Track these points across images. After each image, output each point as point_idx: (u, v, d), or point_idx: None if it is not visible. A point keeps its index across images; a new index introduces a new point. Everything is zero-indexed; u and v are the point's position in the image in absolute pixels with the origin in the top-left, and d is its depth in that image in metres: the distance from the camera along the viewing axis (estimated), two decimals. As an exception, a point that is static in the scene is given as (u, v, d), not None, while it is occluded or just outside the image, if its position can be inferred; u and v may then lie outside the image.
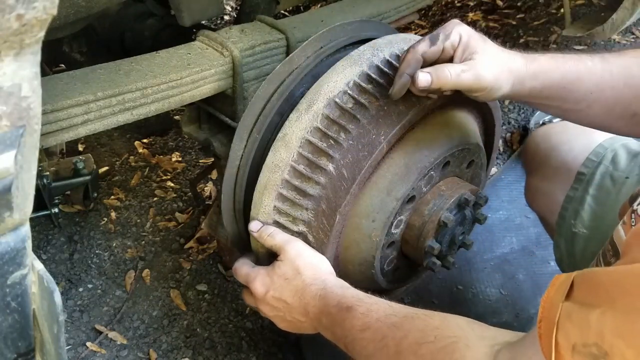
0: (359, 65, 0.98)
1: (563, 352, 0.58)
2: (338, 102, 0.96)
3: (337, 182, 0.95)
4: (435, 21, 2.96)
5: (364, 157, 0.94)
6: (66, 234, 1.76)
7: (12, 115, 0.48)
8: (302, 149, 0.96)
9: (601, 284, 0.60)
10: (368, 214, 0.99)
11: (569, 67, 0.94)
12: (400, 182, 0.98)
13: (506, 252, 1.74)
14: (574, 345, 0.57)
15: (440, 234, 1.04)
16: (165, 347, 1.49)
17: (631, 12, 1.60)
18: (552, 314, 0.61)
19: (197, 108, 1.25)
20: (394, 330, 0.81)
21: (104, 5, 1.16)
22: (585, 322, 0.57)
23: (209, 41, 1.14)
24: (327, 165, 0.95)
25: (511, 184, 1.92)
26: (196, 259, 1.72)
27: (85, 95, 0.95)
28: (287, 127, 0.98)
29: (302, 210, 0.97)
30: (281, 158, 0.97)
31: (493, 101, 1.11)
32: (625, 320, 0.55)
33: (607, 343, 0.55)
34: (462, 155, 1.07)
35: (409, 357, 0.77)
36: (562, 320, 0.60)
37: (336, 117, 0.95)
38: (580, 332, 0.57)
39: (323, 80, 0.98)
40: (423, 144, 1.00)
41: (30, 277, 0.62)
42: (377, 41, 1.03)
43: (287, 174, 0.97)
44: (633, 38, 2.70)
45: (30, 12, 0.43)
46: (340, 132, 0.95)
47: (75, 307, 1.58)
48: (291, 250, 0.96)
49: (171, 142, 2.18)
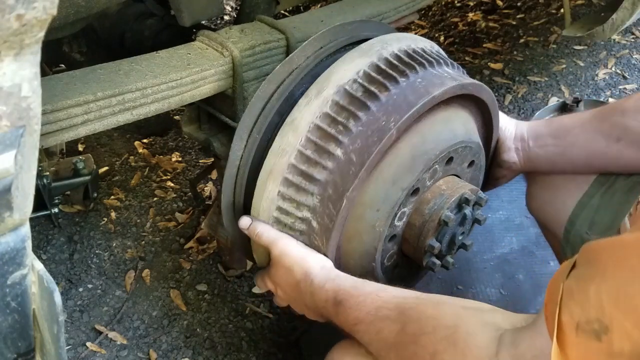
0: (368, 56, 1.00)
1: (568, 332, 0.57)
2: (348, 90, 0.97)
3: (345, 166, 0.95)
4: (435, 21, 2.96)
5: (373, 142, 0.94)
6: (66, 234, 1.76)
7: (12, 115, 0.48)
8: (311, 133, 0.97)
9: (597, 255, 0.59)
10: (373, 203, 0.99)
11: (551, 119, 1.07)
12: (405, 173, 0.99)
13: (506, 252, 1.74)
14: (577, 323, 0.56)
15: (441, 233, 1.04)
16: (165, 347, 1.49)
17: (631, 12, 1.60)
18: (556, 295, 0.60)
19: (197, 108, 1.25)
20: (388, 323, 0.81)
21: (104, 5, 1.16)
22: (586, 297, 0.56)
23: (209, 41, 1.14)
24: (336, 150, 0.95)
25: (511, 184, 1.90)
26: (196, 259, 1.72)
27: (85, 95, 0.95)
28: (296, 112, 0.98)
29: (308, 195, 0.98)
30: (289, 142, 0.97)
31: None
32: (620, 290, 0.54)
33: (607, 317, 0.54)
34: (465, 153, 1.07)
35: (410, 347, 0.77)
36: (565, 299, 0.59)
37: (346, 104, 0.96)
38: (582, 308, 0.56)
39: (333, 68, 0.99)
40: (429, 137, 1.01)
41: (30, 277, 0.62)
42: (385, 36, 1.05)
43: (294, 159, 0.97)
44: (633, 38, 2.71)
45: (30, 12, 0.43)
46: (350, 119, 0.96)
47: (75, 307, 1.58)
48: (277, 250, 0.99)
49: (171, 142, 2.18)
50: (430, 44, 1.13)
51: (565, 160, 1.12)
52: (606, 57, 2.59)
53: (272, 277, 1.02)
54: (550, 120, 1.17)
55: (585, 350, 0.55)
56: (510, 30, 2.79)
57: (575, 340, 0.56)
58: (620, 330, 0.53)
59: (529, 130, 1.16)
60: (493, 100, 1.12)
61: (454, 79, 1.02)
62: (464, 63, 2.56)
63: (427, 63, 1.02)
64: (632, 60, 2.58)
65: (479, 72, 2.49)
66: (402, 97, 0.96)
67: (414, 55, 1.03)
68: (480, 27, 2.83)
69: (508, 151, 1.19)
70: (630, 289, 0.53)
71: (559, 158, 1.13)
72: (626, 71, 2.52)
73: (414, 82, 0.99)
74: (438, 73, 1.02)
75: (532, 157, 1.16)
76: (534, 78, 2.47)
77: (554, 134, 1.13)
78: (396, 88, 0.97)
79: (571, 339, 0.57)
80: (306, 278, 0.95)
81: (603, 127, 1.06)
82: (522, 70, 2.52)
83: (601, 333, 0.54)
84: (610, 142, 1.05)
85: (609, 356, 0.54)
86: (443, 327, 0.75)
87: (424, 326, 0.77)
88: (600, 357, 0.54)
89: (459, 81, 1.02)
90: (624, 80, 2.48)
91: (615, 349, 0.53)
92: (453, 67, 1.10)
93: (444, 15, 2.99)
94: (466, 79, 1.07)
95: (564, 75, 2.49)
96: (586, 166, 1.11)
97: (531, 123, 1.18)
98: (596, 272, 0.57)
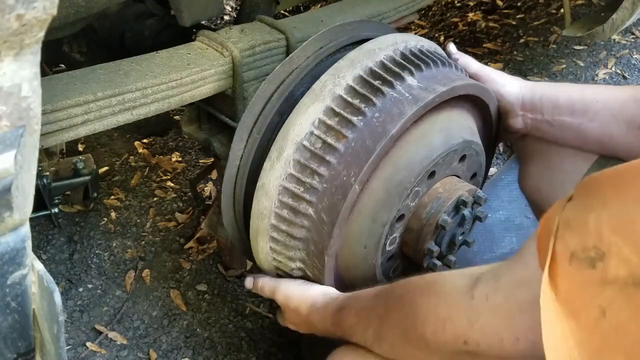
0: (321, 100, 0.96)
1: (560, 262, 0.55)
2: (306, 145, 0.95)
3: (319, 226, 0.96)
4: (435, 21, 2.96)
5: (338, 200, 0.93)
6: (66, 234, 1.76)
7: (12, 115, 0.48)
8: (282, 196, 0.97)
9: (599, 184, 0.56)
10: (358, 240, 1.00)
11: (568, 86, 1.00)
12: (383, 209, 0.97)
13: (506, 252, 1.74)
14: (572, 252, 0.54)
15: (439, 236, 1.04)
16: (165, 347, 1.49)
17: (631, 12, 1.60)
18: (550, 226, 0.58)
19: (197, 108, 1.25)
20: (378, 300, 0.86)
21: (104, 5, 1.16)
22: (584, 226, 0.54)
23: (209, 41, 1.14)
24: (307, 209, 0.96)
25: (511, 184, 1.92)
26: (196, 259, 1.72)
27: (85, 96, 0.95)
28: (264, 177, 0.98)
29: (295, 250, 1.01)
30: (264, 206, 0.99)
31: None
32: (621, 216, 0.51)
33: (605, 243, 0.51)
34: (449, 158, 1.03)
35: (393, 313, 0.80)
36: (561, 230, 0.56)
37: (307, 162, 0.95)
38: (579, 237, 0.54)
39: (289, 123, 0.97)
40: (401, 165, 0.96)
41: (30, 277, 0.62)
42: (340, 64, 0.99)
43: (274, 219, 0.98)
44: (633, 38, 2.71)
45: (30, 12, 0.43)
46: (314, 176, 0.94)
47: (75, 307, 1.58)
48: (280, 297, 1.04)
49: (171, 142, 2.18)
50: (394, 48, 1.02)
51: (577, 137, 1.07)
52: (606, 57, 2.59)
53: (287, 321, 1.06)
54: (568, 89, 1.09)
55: (576, 279, 0.53)
56: (510, 30, 2.79)
57: (568, 269, 0.54)
58: (618, 255, 0.50)
59: (543, 100, 1.08)
60: (475, 87, 1.04)
61: (415, 101, 0.94)
62: (464, 63, 2.56)
63: (387, 86, 0.96)
64: (632, 60, 2.58)
65: (479, 72, 2.49)
66: (360, 142, 0.93)
67: (370, 82, 0.96)
68: (480, 27, 2.83)
69: (515, 117, 1.13)
70: (631, 214, 0.50)
71: (571, 134, 1.08)
72: (626, 71, 2.52)
73: (371, 119, 0.93)
74: (398, 97, 0.95)
75: (542, 128, 1.11)
76: (534, 78, 2.47)
77: (571, 109, 1.06)
78: (353, 132, 0.93)
79: (563, 268, 0.55)
80: (312, 309, 0.98)
81: (627, 111, 1.01)
82: (522, 70, 2.52)
83: (596, 260, 0.51)
84: (631, 129, 1.00)
85: (601, 283, 0.51)
86: (423, 283, 0.78)
87: (406, 288, 0.80)
88: (592, 285, 0.52)
89: (421, 102, 0.94)
90: (624, 80, 2.48)
91: (609, 276, 0.51)
92: (422, 69, 1.00)
93: (444, 15, 2.99)
94: (432, 91, 0.96)
95: (564, 75, 2.49)
96: (596, 146, 1.07)
97: (544, 90, 1.09)
98: (597, 202, 0.54)
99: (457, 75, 1.05)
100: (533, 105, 1.10)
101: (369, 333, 0.85)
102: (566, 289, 0.54)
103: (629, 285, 0.49)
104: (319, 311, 0.97)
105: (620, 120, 1.01)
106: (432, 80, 0.99)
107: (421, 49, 1.05)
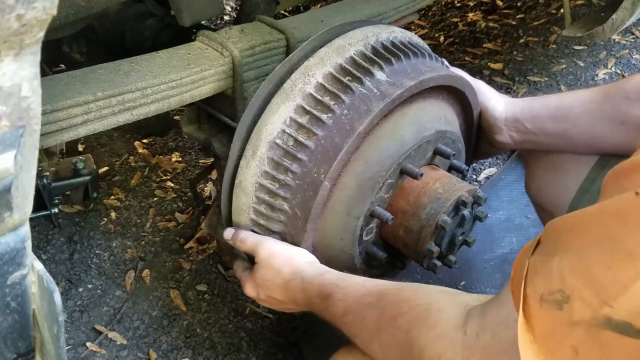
0: (291, 99, 0.97)
1: (532, 303, 0.58)
2: (279, 144, 0.97)
3: (293, 221, 0.99)
4: (435, 21, 2.96)
5: (310, 197, 0.96)
6: (66, 234, 1.76)
7: (12, 115, 0.48)
8: (259, 192, 0.99)
9: (561, 230, 0.60)
10: (335, 234, 1.02)
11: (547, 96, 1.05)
12: (356, 203, 0.99)
13: (506, 252, 1.74)
14: (541, 295, 0.57)
15: (439, 237, 1.04)
16: (165, 347, 1.49)
17: (631, 12, 1.60)
18: (521, 271, 0.61)
19: (197, 108, 1.25)
20: (370, 309, 0.84)
21: (104, 5, 1.16)
22: (549, 270, 0.58)
23: (209, 41, 1.14)
24: (283, 205, 0.99)
25: (511, 184, 1.92)
26: (196, 259, 1.72)
27: (85, 96, 0.95)
28: (240, 175, 1.01)
29: None
30: (243, 203, 1.02)
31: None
32: (580, 261, 0.55)
33: (568, 287, 0.55)
34: (422, 149, 1.04)
35: (388, 331, 0.80)
36: (530, 275, 0.60)
37: (280, 159, 0.97)
38: (545, 281, 0.58)
39: (262, 122, 0.99)
40: (372, 160, 0.98)
41: (30, 277, 0.62)
42: (310, 62, 0.99)
43: (253, 214, 1.02)
44: (633, 38, 2.71)
45: (30, 12, 0.43)
46: (287, 173, 0.97)
47: (75, 307, 1.58)
48: (263, 252, 1.00)
49: (171, 142, 2.18)
50: (364, 42, 1.01)
51: (566, 142, 1.10)
52: (606, 57, 2.59)
53: (259, 280, 1.02)
54: (546, 99, 1.14)
55: (548, 320, 0.57)
56: (510, 30, 2.79)
57: (540, 311, 0.57)
58: (580, 298, 0.54)
59: (523, 112, 1.13)
60: (445, 77, 1.04)
61: (382, 97, 0.94)
62: (464, 63, 2.57)
63: (356, 82, 0.96)
64: (632, 60, 2.57)
65: (479, 72, 2.49)
66: (329, 140, 0.95)
67: (340, 79, 0.97)
68: (480, 27, 2.83)
69: (500, 132, 1.17)
70: (588, 259, 0.54)
71: (560, 140, 1.11)
72: (626, 71, 2.52)
73: (340, 117, 0.95)
74: (366, 94, 0.95)
75: (529, 139, 1.14)
76: (534, 78, 2.47)
77: (552, 116, 1.10)
78: (323, 130, 0.95)
79: (535, 310, 0.58)
80: (296, 276, 0.97)
81: (605, 110, 1.03)
82: (522, 70, 2.52)
83: (563, 302, 0.55)
84: (615, 126, 1.03)
85: (570, 324, 0.55)
86: (417, 306, 0.78)
87: (400, 308, 0.80)
88: (562, 326, 0.55)
89: (388, 98, 0.94)
90: (624, 80, 2.47)
91: (575, 317, 0.54)
92: (392, 62, 0.99)
93: (444, 15, 2.99)
94: (400, 86, 0.96)
95: (563, 75, 2.49)
96: (587, 147, 1.09)
97: (524, 103, 1.14)
98: (560, 247, 0.58)
99: (428, 66, 1.03)
100: (514, 118, 1.14)
101: (358, 340, 0.86)
102: (540, 330, 0.57)
103: (593, 327, 0.53)
104: (304, 280, 0.95)
105: (602, 121, 1.04)
106: (402, 74, 0.98)
107: (393, 41, 1.04)
